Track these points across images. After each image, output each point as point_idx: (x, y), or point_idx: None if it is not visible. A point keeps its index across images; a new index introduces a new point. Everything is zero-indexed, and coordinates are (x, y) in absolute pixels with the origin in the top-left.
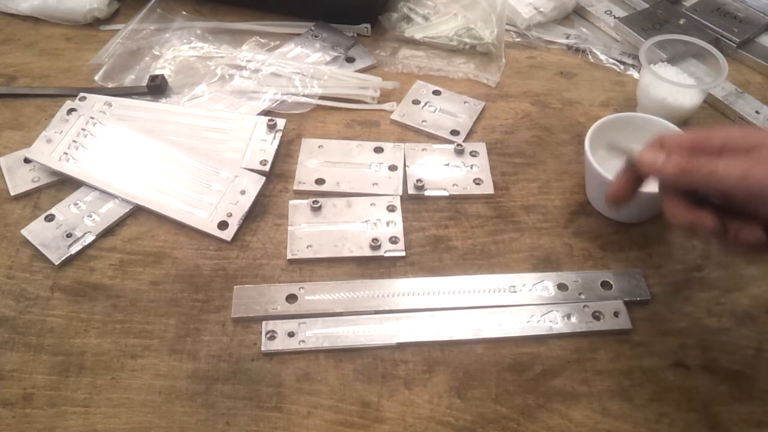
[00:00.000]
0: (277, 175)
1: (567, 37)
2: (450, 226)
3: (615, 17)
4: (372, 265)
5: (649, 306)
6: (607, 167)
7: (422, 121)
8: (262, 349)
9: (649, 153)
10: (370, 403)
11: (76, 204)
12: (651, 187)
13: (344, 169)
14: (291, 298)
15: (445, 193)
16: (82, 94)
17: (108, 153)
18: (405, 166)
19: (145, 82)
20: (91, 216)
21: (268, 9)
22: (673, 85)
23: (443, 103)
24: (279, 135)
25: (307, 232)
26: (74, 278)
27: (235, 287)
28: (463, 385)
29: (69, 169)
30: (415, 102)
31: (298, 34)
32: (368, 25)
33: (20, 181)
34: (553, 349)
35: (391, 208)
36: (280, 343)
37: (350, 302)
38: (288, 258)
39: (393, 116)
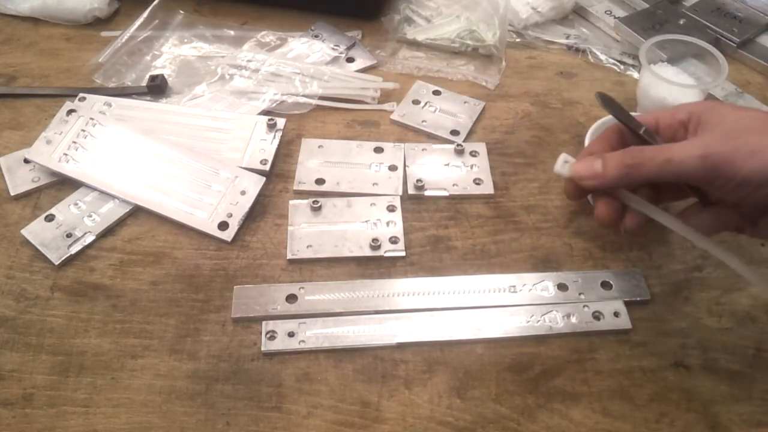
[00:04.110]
0: (277, 175)
1: (567, 37)
2: (450, 226)
3: (615, 17)
4: (372, 265)
5: (649, 306)
6: None
7: (422, 121)
8: (262, 349)
9: (583, 164)
10: (370, 403)
11: (76, 204)
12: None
13: (344, 169)
14: (291, 298)
15: (445, 193)
16: (81, 95)
17: (108, 154)
18: (405, 166)
19: (145, 82)
20: (91, 216)
21: (268, 4)
22: (673, 85)
23: (443, 103)
24: (279, 134)
25: (307, 232)
26: (74, 278)
27: (235, 287)
28: (463, 385)
29: (69, 170)
30: (415, 102)
31: (299, 34)
32: (360, 32)
33: (20, 181)
34: (553, 349)
35: (391, 208)
36: (280, 343)
37: (350, 302)
38: (288, 258)
39: (393, 116)
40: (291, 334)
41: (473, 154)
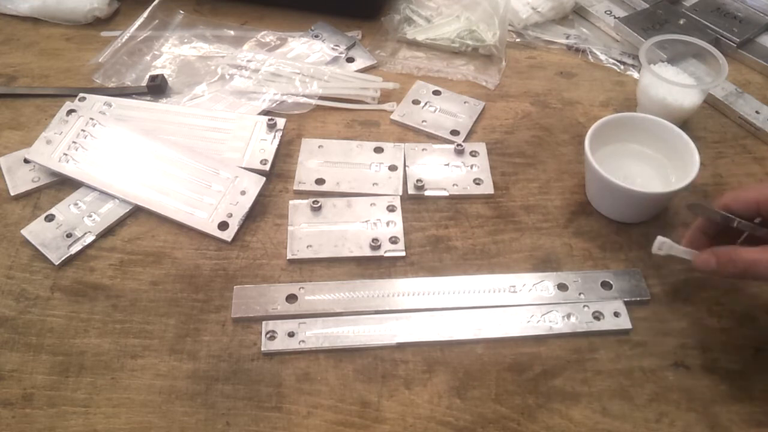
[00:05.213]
0: (277, 175)
1: (567, 37)
2: (450, 226)
3: (615, 17)
4: (372, 265)
5: (649, 306)
6: (607, 167)
7: (422, 121)
8: (262, 349)
9: (702, 259)
10: (370, 403)
11: (76, 204)
12: (649, 187)
13: (344, 169)
14: (291, 298)
15: (445, 193)
16: (81, 95)
17: (108, 154)
18: (405, 166)
19: (145, 82)
20: (91, 216)
21: (268, 4)
22: (673, 85)
23: (443, 103)
24: (279, 134)
25: (307, 232)
26: (74, 278)
27: (235, 287)
28: (463, 385)
29: (69, 170)
30: (415, 102)
31: (299, 34)
32: (360, 32)
33: (20, 181)
34: (553, 349)
35: (391, 208)
36: (280, 343)
37: (350, 302)
38: (288, 258)
39: (393, 116)
40: (291, 334)
41: (473, 154)
